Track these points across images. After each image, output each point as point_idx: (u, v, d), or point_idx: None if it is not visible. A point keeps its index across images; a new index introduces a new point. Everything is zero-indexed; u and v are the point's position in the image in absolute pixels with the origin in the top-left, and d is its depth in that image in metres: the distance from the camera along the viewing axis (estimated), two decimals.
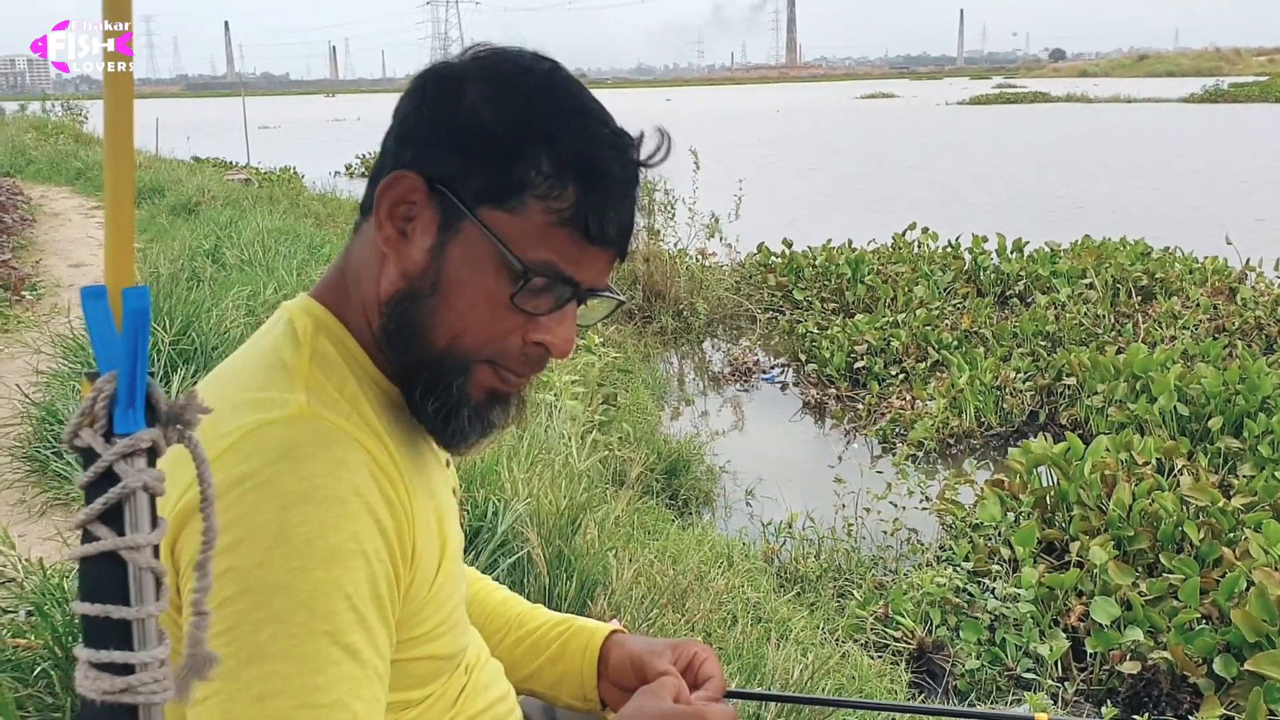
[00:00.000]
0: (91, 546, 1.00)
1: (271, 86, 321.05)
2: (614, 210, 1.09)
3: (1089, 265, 10.21)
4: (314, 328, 1.12)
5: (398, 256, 1.10)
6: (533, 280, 1.07)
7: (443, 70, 1.13)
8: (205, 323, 5.61)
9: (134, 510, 0.99)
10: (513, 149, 1.06)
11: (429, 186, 1.08)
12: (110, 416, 0.99)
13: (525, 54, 1.14)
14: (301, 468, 0.98)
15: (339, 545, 0.96)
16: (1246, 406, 6.29)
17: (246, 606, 0.93)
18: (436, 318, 1.09)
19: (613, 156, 1.09)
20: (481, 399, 1.13)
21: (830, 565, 4.93)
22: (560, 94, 1.10)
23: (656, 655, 1.38)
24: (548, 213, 1.06)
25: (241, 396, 1.05)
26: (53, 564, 3.18)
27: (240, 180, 17.94)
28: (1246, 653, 3.84)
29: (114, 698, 1.00)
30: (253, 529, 0.95)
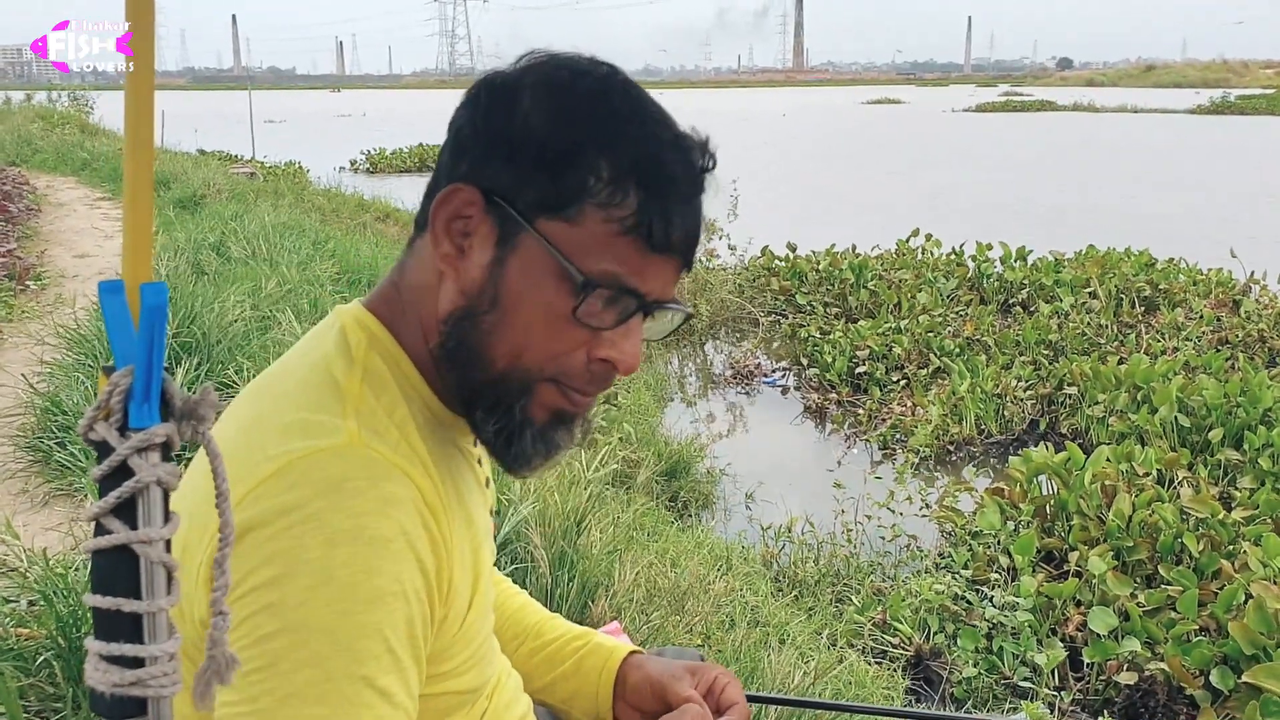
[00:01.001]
0: (104, 540, 1.01)
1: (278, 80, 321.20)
2: (678, 216, 1.05)
3: (1093, 275, 10.21)
4: (367, 343, 1.09)
5: (455, 274, 1.07)
6: (595, 293, 1.03)
7: (496, 79, 1.10)
8: (209, 316, 5.62)
9: (147, 504, 1.00)
10: (569, 156, 1.03)
11: (485, 199, 1.05)
12: (125, 411, 1.00)
13: (581, 58, 1.11)
14: (350, 504, 0.96)
15: (382, 587, 0.94)
16: (1247, 419, 6.29)
17: (286, 645, 0.91)
18: (496, 336, 1.05)
19: (675, 159, 1.06)
20: (545, 420, 1.09)
21: (829, 570, 4.94)
22: (618, 98, 1.07)
23: (677, 679, 1.36)
24: (608, 221, 1.03)
25: (291, 416, 1.02)
26: (55, 554, 3.20)
27: (245, 174, 17.96)
28: (1244, 665, 3.84)
29: (124, 690, 1.00)
30: (297, 565, 0.93)
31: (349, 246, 9.94)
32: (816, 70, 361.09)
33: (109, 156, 18.02)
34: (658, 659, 1.42)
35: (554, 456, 1.12)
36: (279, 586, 0.92)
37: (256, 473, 0.97)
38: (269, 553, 0.93)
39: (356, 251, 9.71)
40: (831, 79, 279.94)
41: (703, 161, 1.08)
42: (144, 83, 1.03)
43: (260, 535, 0.94)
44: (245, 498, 0.96)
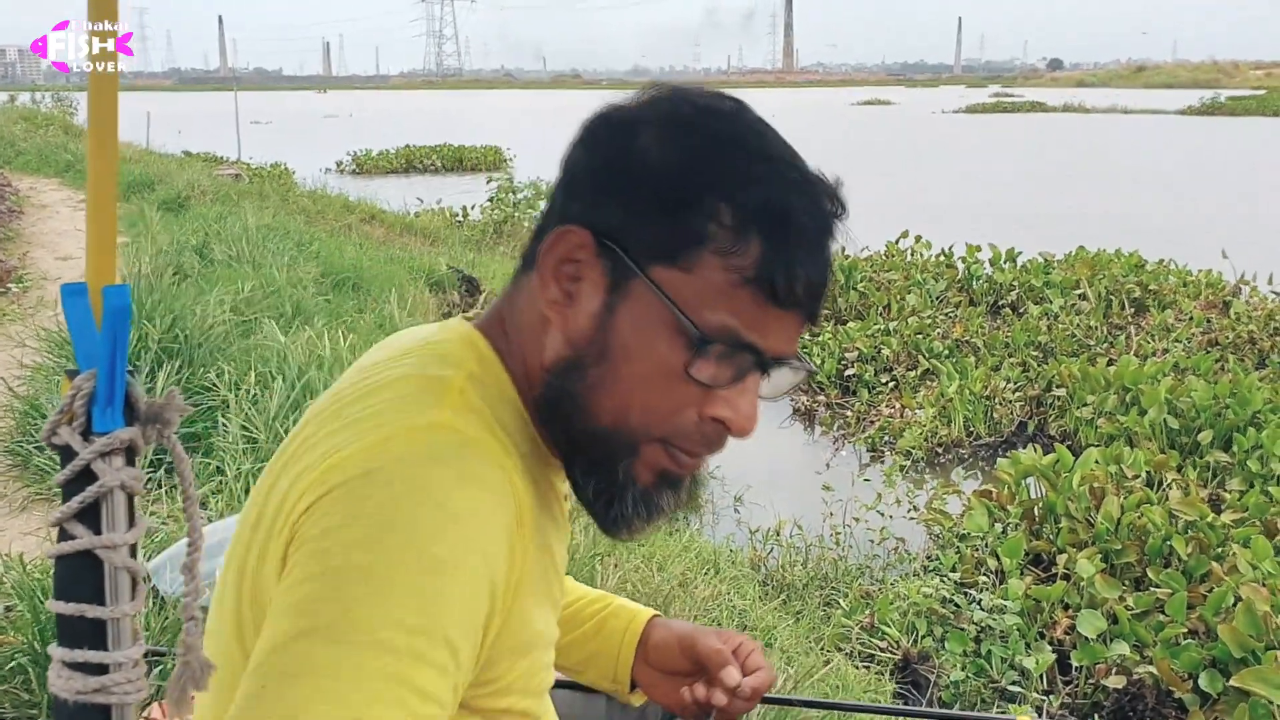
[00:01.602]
0: (68, 545, 0.98)
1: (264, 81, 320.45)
2: (804, 267, 0.95)
3: (1082, 276, 10.23)
4: (476, 359, 1.04)
5: (562, 321, 1.00)
6: (710, 348, 0.95)
7: (613, 113, 1.03)
8: (191, 319, 5.58)
9: (111, 509, 0.98)
10: (688, 199, 0.95)
11: (597, 242, 0.98)
12: (89, 415, 0.97)
13: (705, 94, 1.03)
14: (435, 471, 0.90)
15: (442, 556, 0.87)
16: (1236, 421, 6.29)
17: (319, 588, 0.85)
18: (603, 390, 0.98)
19: (803, 206, 0.96)
20: (650, 482, 1.02)
21: (817, 573, 4.92)
22: (743, 137, 0.98)
23: (706, 634, 1.33)
24: (728, 270, 0.94)
25: (384, 405, 0.97)
26: (33, 559, 3.16)
27: (230, 176, 17.91)
28: (1232, 668, 3.83)
29: (87, 698, 0.98)
30: (360, 517, 0.87)
31: (333, 248, 9.90)
32: (807, 71, 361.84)
33: None
34: (681, 621, 1.39)
35: (656, 520, 1.05)
36: (332, 534, 0.87)
37: (342, 448, 0.93)
38: (336, 508, 0.88)
39: (341, 253, 9.67)
40: (821, 80, 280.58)
41: (832, 207, 1.00)
42: (107, 88, 1.01)
43: (335, 494, 0.89)
44: (332, 466, 0.91)
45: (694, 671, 1.33)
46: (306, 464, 0.94)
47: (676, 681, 1.35)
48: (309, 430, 1.01)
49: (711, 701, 1.29)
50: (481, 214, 15.44)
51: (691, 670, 1.34)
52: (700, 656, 1.31)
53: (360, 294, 8.18)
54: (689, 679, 1.34)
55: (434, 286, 9.58)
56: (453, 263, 10.43)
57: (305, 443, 1.00)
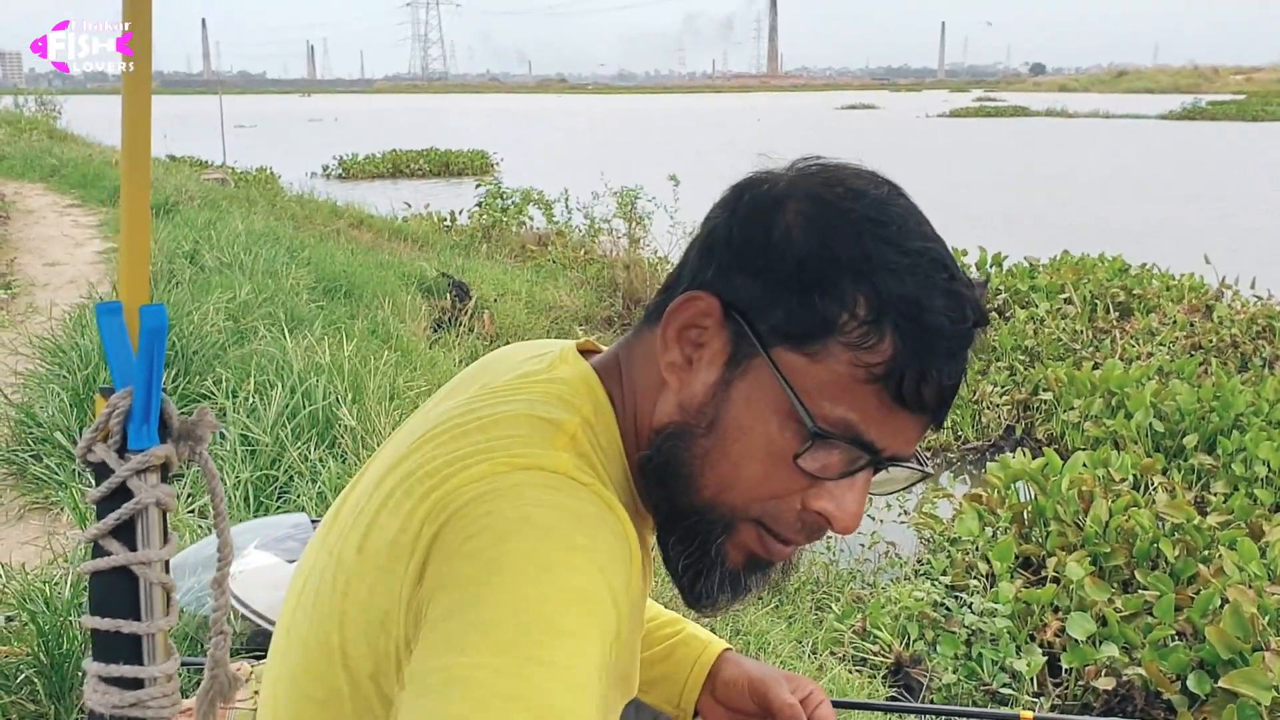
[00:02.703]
0: (103, 561, 1.00)
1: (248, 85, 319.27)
2: (935, 371, 0.91)
3: (1068, 281, 10.29)
4: (593, 408, 1.01)
5: (679, 385, 0.97)
6: (823, 441, 0.92)
7: (762, 184, 0.99)
8: (186, 325, 5.57)
9: (146, 526, 1.00)
10: (824, 284, 0.91)
11: (725, 313, 0.95)
12: (124, 432, 0.99)
13: (859, 174, 0.99)
14: (560, 511, 0.87)
15: (584, 588, 0.84)
16: (1220, 424, 6.35)
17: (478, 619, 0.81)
18: (707, 463, 0.95)
19: (945, 308, 0.91)
20: (740, 562, 0.99)
21: (808, 578, 4.95)
22: (894, 226, 0.94)
23: (778, 683, 1.31)
24: (855, 365, 0.90)
25: (503, 439, 0.94)
26: (34, 568, 3.16)
27: (217, 180, 17.83)
28: (1220, 670, 3.87)
29: (123, 712, 1.00)
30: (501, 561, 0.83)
31: (323, 254, 9.89)
32: (791, 75, 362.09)
33: (78, 163, 17.83)
34: (754, 661, 1.38)
35: (741, 599, 1.02)
36: (466, 563, 0.84)
37: (454, 476, 0.90)
38: (462, 538, 0.85)
39: (331, 259, 9.65)
40: (806, 84, 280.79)
41: (975, 316, 0.94)
42: (141, 103, 1.02)
43: (453, 502, 0.87)
44: (450, 491, 0.89)
45: (760, 714, 1.33)
46: (424, 489, 0.91)
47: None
48: (426, 451, 0.97)
49: None
50: (470, 219, 15.44)
51: (758, 713, 1.33)
52: (771, 708, 1.30)
53: (352, 300, 8.17)
54: (753, 719, 1.33)
55: (425, 292, 9.58)
56: (442, 268, 10.43)
57: (422, 464, 0.96)
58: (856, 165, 1.01)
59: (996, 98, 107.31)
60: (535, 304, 10.09)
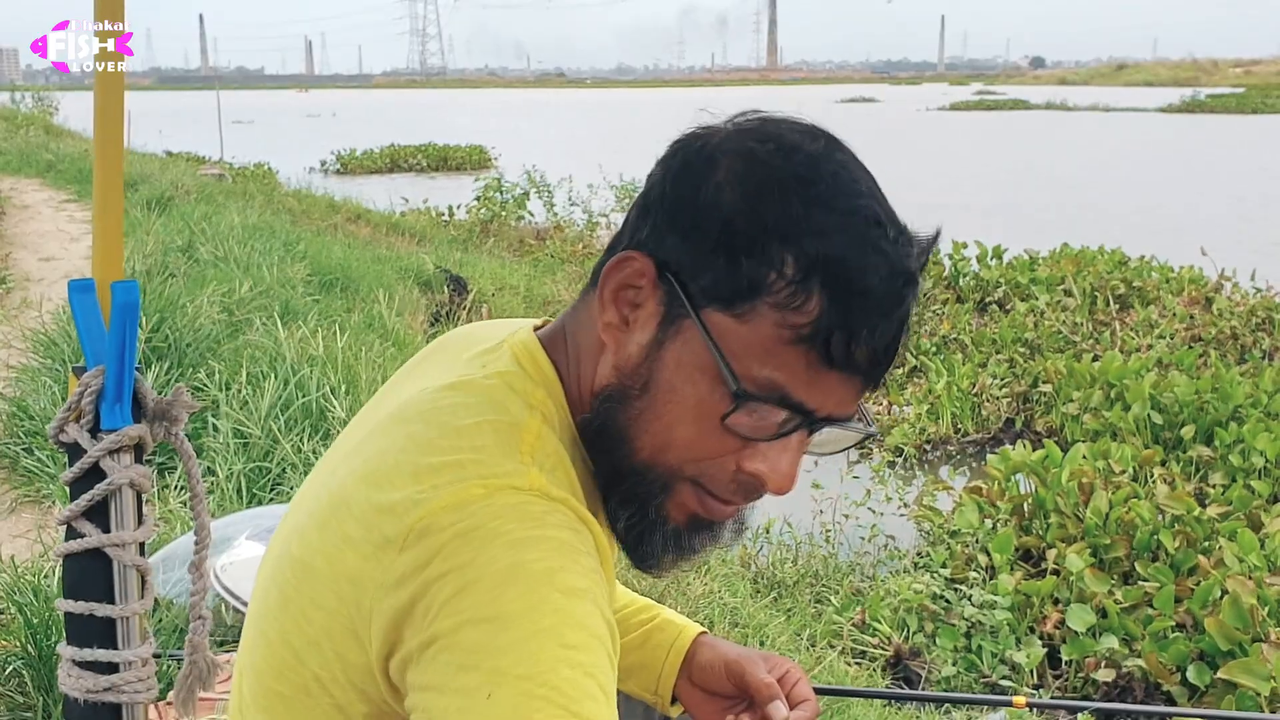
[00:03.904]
0: (76, 543, 0.98)
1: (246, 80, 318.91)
2: (866, 331, 0.90)
3: (1068, 273, 10.28)
4: (545, 390, 1.01)
5: (615, 346, 0.97)
6: (750, 403, 0.92)
7: (695, 141, 0.98)
8: (180, 319, 5.55)
9: (120, 507, 0.98)
10: (752, 244, 0.90)
11: (658, 273, 0.95)
12: (97, 412, 0.97)
13: (794, 129, 0.97)
14: (531, 522, 0.88)
15: (575, 584, 0.86)
16: (1218, 415, 6.34)
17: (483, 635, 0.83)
18: (642, 424, 0.95)
19: (876, 265, 0.90)
20: (682, 522, 1.00)
21: (808, 571, 4.93)
22: (824, 184, 0.92)
23: (754, 663, 1.30)
24: (782, 326, 0.89)
25: (465, 448, 0.94)
26: (24, 561, 3.14)
27: (214, 175, 17.80)
28: (1219, 661, 3.86)
29: (97, 696, 0.98)
30: (483, 569, 0.85)
31: (320, 248, 9.86)
32: (790, 69, 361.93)
33: (74, 158, 17.79)
34: (730, 643, 1.37)
35: (686, 559, 1.03)
36: (458, 606, 0.84)
37: (427, 500, 0.89)
38: (449, 563, 0.85)
39: (328, 253, 9.63)
40: (806, 77, 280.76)
41: (907, 274, 0.92)
42: (114, 84, 1.00)
43: (434, 541, 0.86)
44: (422, 520, 0.88)
45: (738, 696, 1.32)
46: (400, 512, 0.89)
47: (719, 703, 1.33)
48: (380, 442, 0.97)
49: None
50: (468, 213, 15.41)
51: (735, 695, 1.32)
52: (748, 687, 1.29)
53: (349, 294, 8.15)
54: (731, 702, 1.32)
55: (422, 286, 9.56)
56: (439, 262, 10.41)
57: (378, 454, 0.96)
58: (795, 119, 0.99)
59: (996, 91, 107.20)
60: (533, 298, 10.07)
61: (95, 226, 0.98)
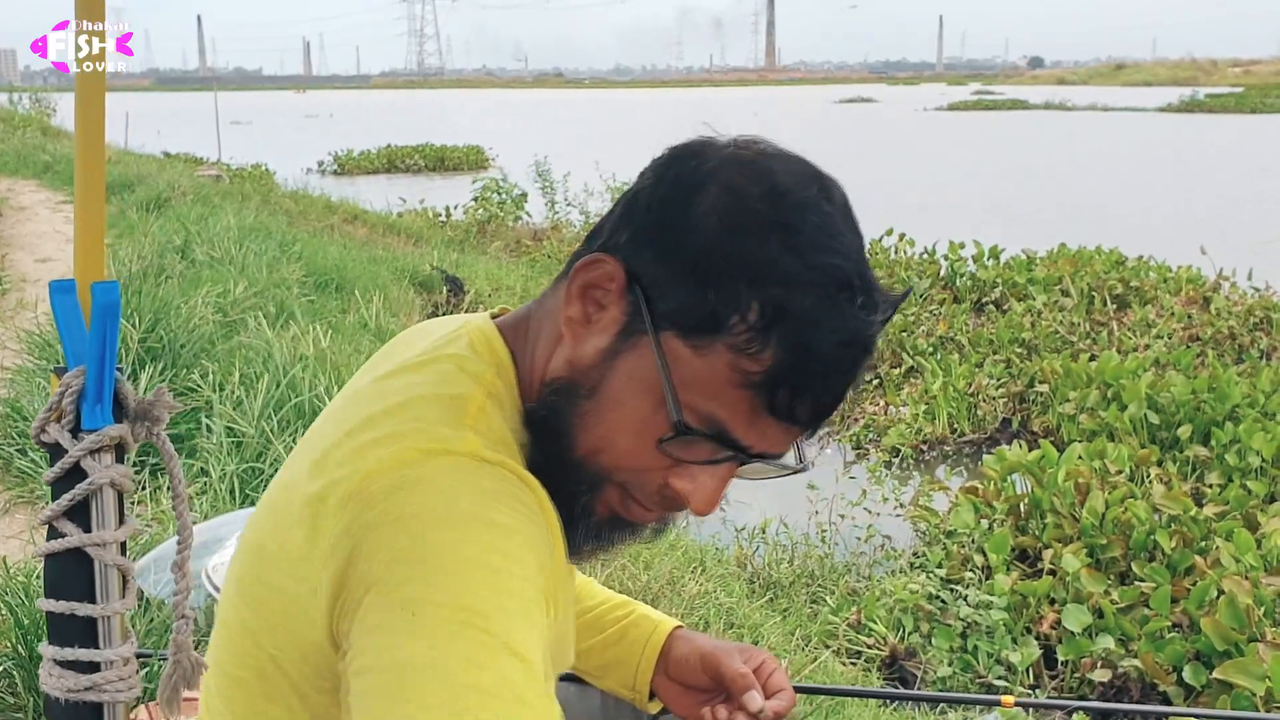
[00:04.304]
0: (57, 543, 0.98)
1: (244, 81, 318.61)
2: (813, 392, 0.92)
3: (1065, 273, 10.28)
4: (495, 370, 1.03)
5: (574, 341, 0.99)
6: (689, 436, 0.93)
7: (693, 156, 0.99)
8: (174, 320, 5.55)
9: (101, 506, 0.98)
10: (722, 282, 0.91)
11: (627, 282, 0.95)
12: (78, 412, 0.97)
13: (791, 169, 0.97)
14: (474, 491, 0.90)
15: (511, 525, 0.88)
16: (1215, 415, 6.34)
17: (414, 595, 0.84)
18: (585, 424, 0.97)
19: (836, 329, 0.90)
20: (604, 517, 1.02)
21: (804, 571, 4.93)
22: (806, 234, 0.92)
23: (730, 655, 1.31)
24: (734, 369, 0.91)
25: (408, 420, 0.96)
26: (16, 562, 3.14)
27: (211, 177, 17.79)
28: (1216, 661, 3.86)
29: (78, 696, 0.98)
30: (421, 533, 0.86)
31: (316, 249, 9.86)
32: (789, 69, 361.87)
33: (72, 159, 17.59)
34: (706, 636, 1.38)
35: (606, 551, 1.05)
36: (397, 536, 0.86)
37: (367, 466, 0.91)
38: (382, 515, 0.87)
39: (324, 254, 9.63)
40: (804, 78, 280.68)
41: (864, 343, 0.93)
42: (94, 83, 1.00)
43: (368, 499, 0.89)
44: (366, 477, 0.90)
45: (714, 689, 1.32)
46: (338, 477, 0.92)
47: (696, 696, 1.33)
48: (333, 435, 0.99)
49: None
50: (465, 214, 15.41)
51: (712, 687, 1.32)
52: (724, 679, 1.29)
53: (344, 295, 8.15)
54: (708, 695, 1.32)
55: (419, 287, 9.56)
56: (436, 263, 10.41)
57: (324, 436, 0.99)
58: (796, 157, 1.00)
59: (995, 91, 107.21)
60: (530, 298, 10.00)
61: (77, 227, 0.98)
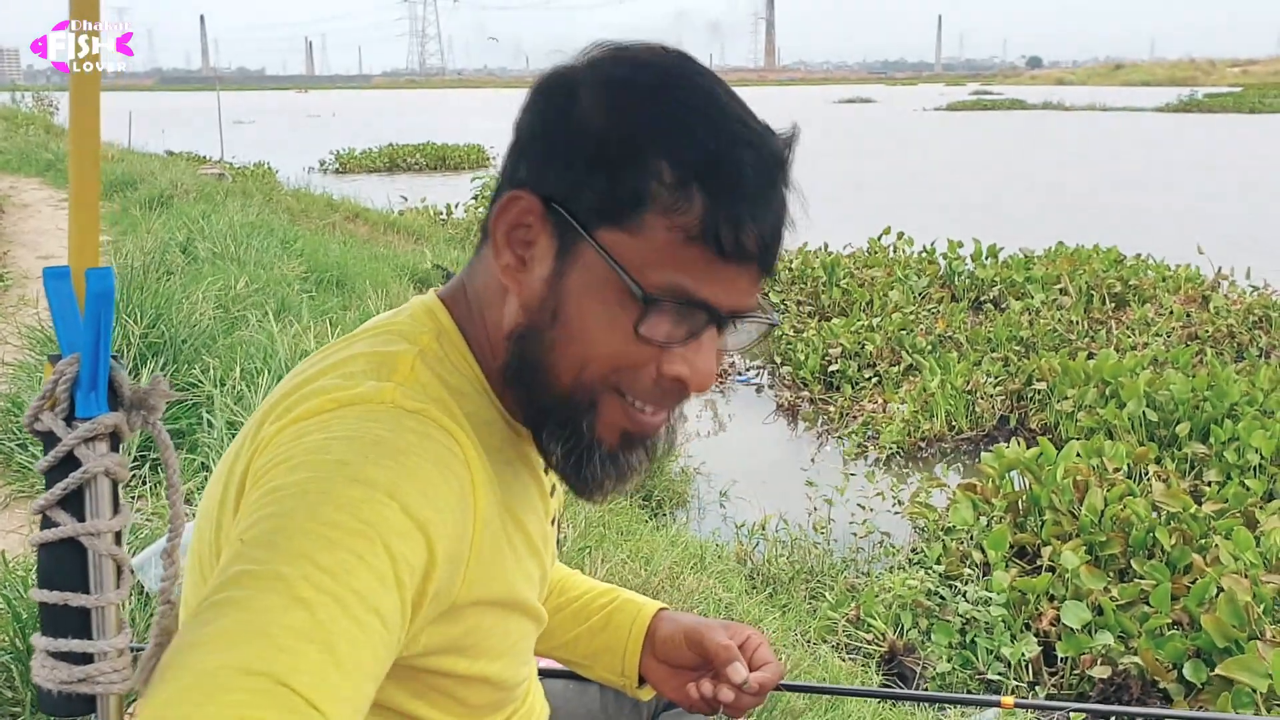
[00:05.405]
0: (51, 532, 0.97)
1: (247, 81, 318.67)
2: (750, 217, 0.94)
3: (1063, 271, 10.27)
4: (434, 331, 1.05)
5: (518, 286, 1.00)
6: (657, 307, 0.95)
7: (553, 77, 1.02)
8: (176, 315, 5.54)
9: (95, 495, 0.97)
10: (628, 160, 0.94)
11: (545, 207, 0.98)
12: (72, 400, 0.96)
13: (646, 48, 1.01)
14: (370, 420, 0.92)
15: (376, 479, 0.87)
16: (1213, 413, 6.33)
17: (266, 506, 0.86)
18: (559, 352, 0.98)
19: (745, 154, 0.95)
20: (615, 442, 1.02)
21: (803, 567, 4.93)
22: (684, 90, 0.97)
23: (714, 629, 1.32)
24: (672, 230, 0.93)
25: (332, 379, 0.99)
26: (16, 556, 3.14)
27: (214, 175, 17.80)
28: (1216, 658, 3.86)
29: (71, 687, 0.97)
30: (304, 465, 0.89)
31: (317, 245, 9.87)
32: (788, 69, 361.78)
33: None
34: (690, 615, 1.38)
35: (627, 479, 1.05)
36: (271, 470, 0.90)
37: (283, 416, 0.96)
38: (279, 451, 0.91)
39: (325, 250, 9.64)
40: (803, 78, 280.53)
41: (776, 158, 0.97)
42: (89, 80, 1.00)
43: (274, 445, 0.93)
44: (278, 429, 0.95)
45: (701, 666, 1.33)
46: (268, 431, 0.96)
47: (684, 676, 1.34)
48: (276, 396, 1.03)
49: (719, 698, 1.28)
50: (466, 212, 15.41)
51: (699, 664, 1.33)
52: (707, 652, 1.30)
53: (345, 291, 8.15)
54: (696, 673, 1.33)
55: (419, 284, 9.56)
56: (437, 260, 10.41)
57: (275, 403, 1.02)
58: (645, 42, 1.03)
59: (993, 91, 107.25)
60: None
61: (71, 215, 0.97)
